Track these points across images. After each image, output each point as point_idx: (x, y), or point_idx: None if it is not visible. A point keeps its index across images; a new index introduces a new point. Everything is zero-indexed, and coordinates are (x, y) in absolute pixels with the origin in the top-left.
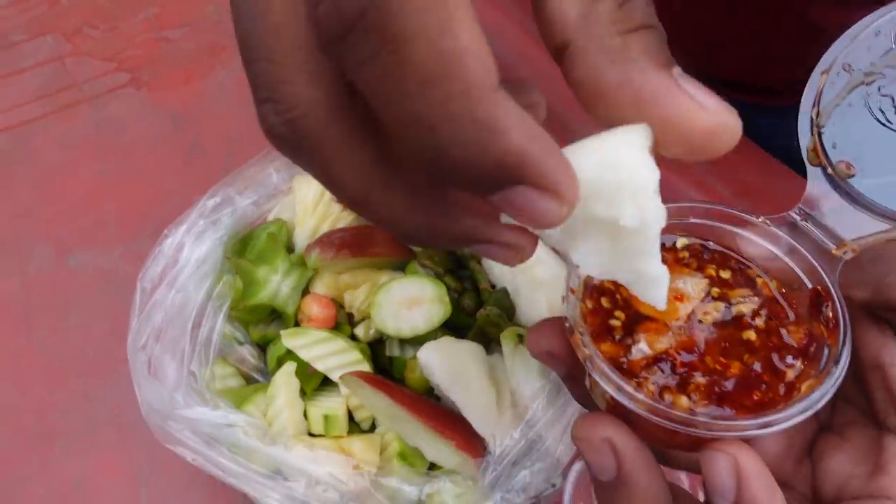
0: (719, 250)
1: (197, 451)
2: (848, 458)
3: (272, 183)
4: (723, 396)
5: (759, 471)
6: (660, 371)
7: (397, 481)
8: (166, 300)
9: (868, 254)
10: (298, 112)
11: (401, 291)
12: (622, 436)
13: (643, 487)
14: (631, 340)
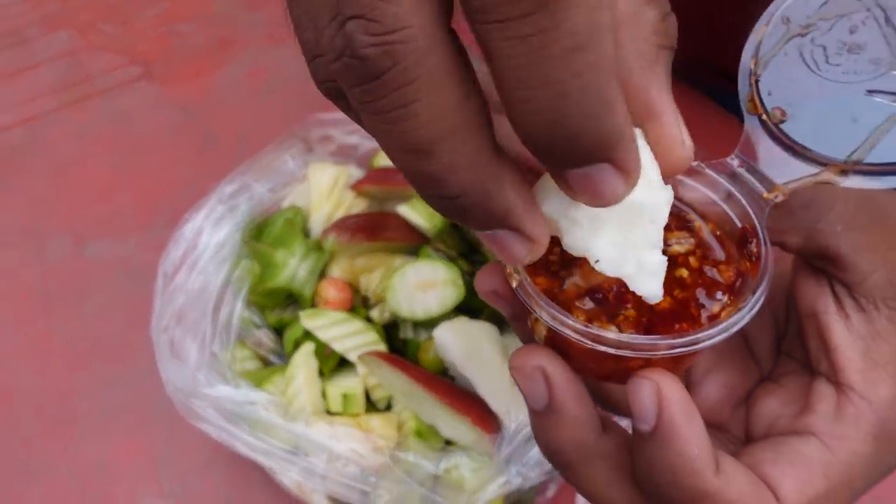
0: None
1: (221, 428)
2: (780, 401)
3: (288, 170)
4: (649, 327)
5: (679, 397)
6: (591, 302)
7: (415, 457)
8: (187, 283)
9: (800, 200)
10: (399, 36)
11: (415, 275)
12: (554, 365)
13: (573, 416)
14: (566, 274)
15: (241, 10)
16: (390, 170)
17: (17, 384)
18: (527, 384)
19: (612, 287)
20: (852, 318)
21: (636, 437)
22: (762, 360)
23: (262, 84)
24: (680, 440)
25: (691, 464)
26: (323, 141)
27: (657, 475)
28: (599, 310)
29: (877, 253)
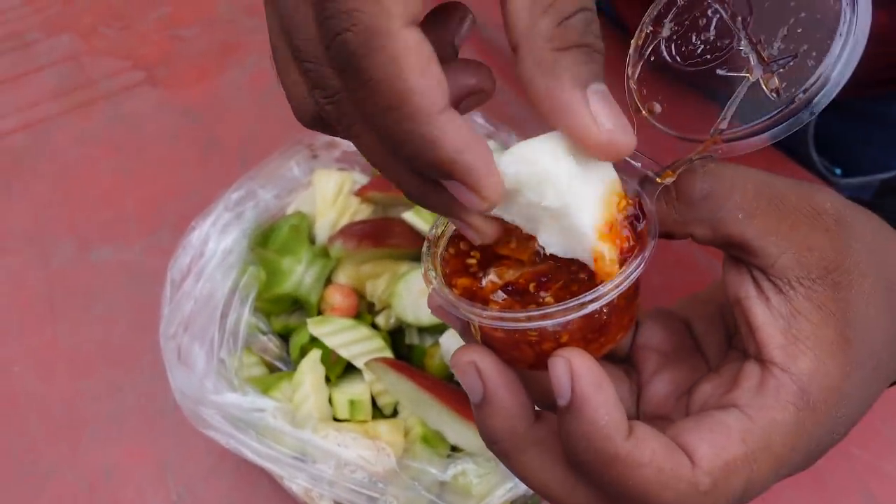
0: None
1: (230, 435)
2: (713, 384)
3: (293, 177)
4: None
5: (588, 369)
6: (505, 295)
7: (422, 463)
8: (195, 290)
9: (699, 192)
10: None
11: (420, 282)
12: (485, 359)
13: (505, 406)
14: (483, 274)
15: (241, 15)
16: None
17: (24, 389)
18: (463, 378)
19: (525, 283)
20: (772, 300)
21: (559, 414)
22: (712, 358)
23: (263, 88)
24: (590, 408)
25: (601, 430)
26: (328, 147)
27: (574, 444)
28: (513, 300)
29: (780, 235)
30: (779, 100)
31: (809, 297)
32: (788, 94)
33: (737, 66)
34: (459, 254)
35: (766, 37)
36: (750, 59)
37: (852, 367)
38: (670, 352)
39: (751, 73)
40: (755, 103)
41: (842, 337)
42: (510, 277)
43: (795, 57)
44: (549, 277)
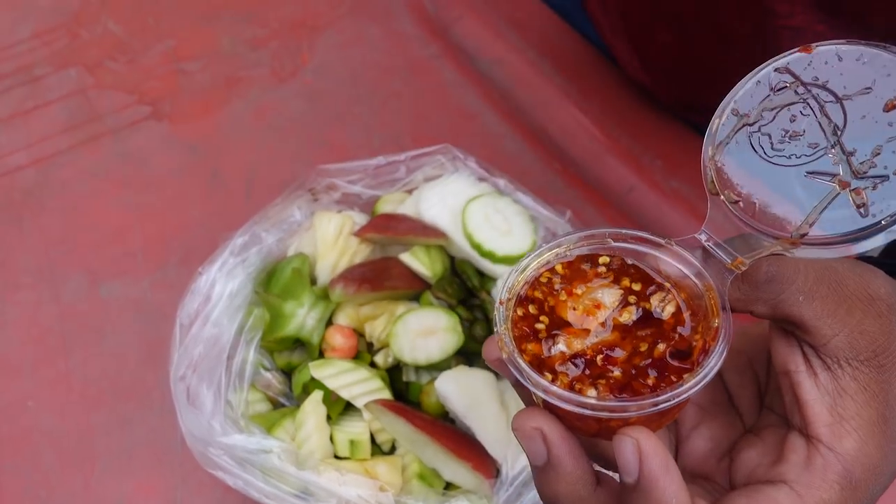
0: (637, 266)
1: (237, 476)
2: (758, 451)
3: (295, 220)
4: (627, 387)
5: (655, 450)
6: (573, 366)
7: (419, 500)
8: (202, 333)
9: (764, 274)
10: None
11: (417, 322)
12: (551, 425)
13: (569, 471)
14: (552, 342)
15: (245, 48)
16: (392, 217)
17: (37, 423)
18: (527, 443)
19: (592, 354)
20: (820, 376)
21: (623, 489)
22: (745, 414)
23: (266, 121)
24: (658, 490)
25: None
26: (327, 189)
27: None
28: (581, 374)
29: (836, 318)
30: (863, 217)
31: (856, 378)
32: (875, 215)
33: (824, 172)
34: (527, 317)
35: (858, 149)
36: (840, 169)
37: (888, 446)
38: (707, 405)
39: (841, 184)
40: (837, 212)
41: (882, 417)
42: (578, 348)
43: (887, 179)
44: (615, 350)
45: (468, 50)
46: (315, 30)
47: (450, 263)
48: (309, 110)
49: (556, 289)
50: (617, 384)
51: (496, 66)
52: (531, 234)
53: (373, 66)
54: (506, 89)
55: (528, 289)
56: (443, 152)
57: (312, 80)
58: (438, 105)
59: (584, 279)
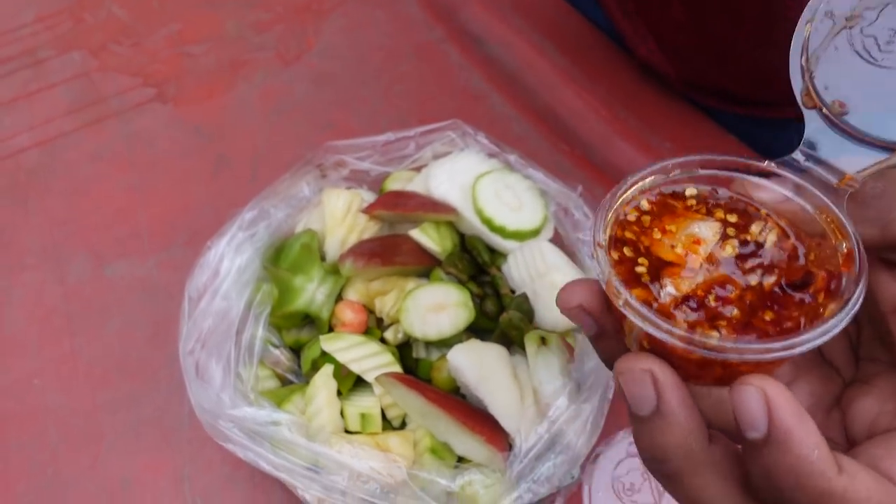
0: (728, 196)
1: (247, 448)
2: (874, 399)
3: (304, 196)
4: (748, 326)
5: (787, 398)
6: (689, 309)
7: (431, 473)
8: (211, 308)
9: (872, 190)
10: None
11: (427, 297)
12: (664, 369)
13: (681, 421)
14: (659, 285)
15: (250, 32)
16: (401, 194)
17: (44, 403)
18: (634, 388)
19: (704, 294)
20: None
21: (748, 447)
22: (841, 368)
23: (272, 104)
24: (797, 443)
25: (812, 465)
26: (336, 166)
27: (778, 481)
28: (698, 317)
29: None
30: None
31: None
32: None
33: None
34: (624, 260)
35: None
36: None
37: None
38: (799, 360)
39: None
40: None
41: None
42: (688, 289)
43: None
44: (726, 287)
45: (474, 33)
46: (320, 13)
47: (459, 240)
48: (315, 93)
49: (648, 227)
50: (739, 324)
51: (502, 48)
52: (542, 209)
53: (379, 50)
54: (512, 72)
55: (619, 229)
56: (452, 128)
57: (318, 64)
58: (445, 88)
59: (674, 214)
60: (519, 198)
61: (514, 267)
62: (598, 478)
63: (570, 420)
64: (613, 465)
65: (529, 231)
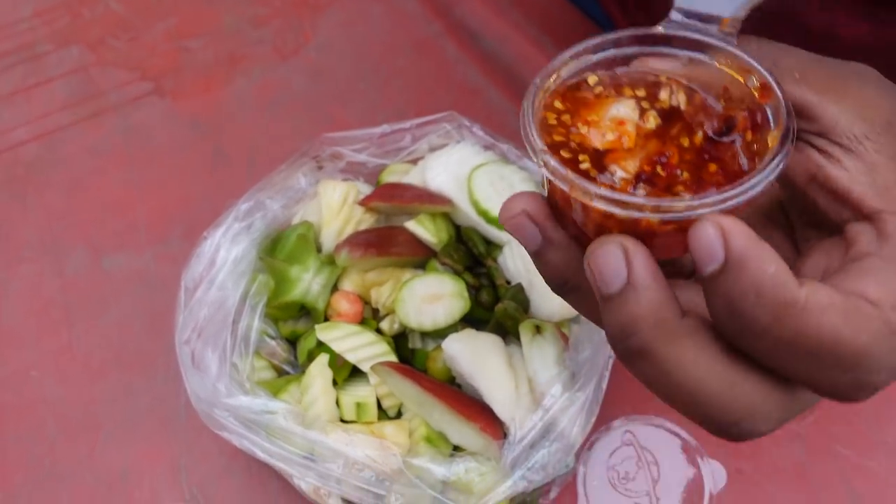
0: (626, 73)
1: (243, 436)
2: (822, 256)
3: (300, 187)
4: (701, 183)
5: (741, 226)
6: (646, 186)
7: (426, 462)
8: (207, 297)
9: (750, 48)
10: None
11: (423, 288)
12: (634, 242)
13: (652, 289)
14: (609, 173)
15: (247, 26)
16: (397, 186)
17: (41, 394)
18: (607, 264)
19: (651, 168)
20: (845, 162)
21: (708, 283)
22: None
23: (269, 98)
24: (754, 260)
25: (772, 278)
26: (332, 159)
27: (738, 303)
28: (654, 190)
29: (837, 93)
30: None
31: (880, 150)
32: None
33: None
34: (567, 162)
35: None
36: None
37: None
38: None
39: None
40: None
41: None
42: (634, 168)
43: None
44: (663, 156)
45: (471, 27)
46: (317, 8)
47: (455, 231)
48: (312, 87)
49: (571, 125)
50: (693, 184)
51: (499, 43)
52: None
53: (376, 44)
54: (509, 66)
55: (546, 136)
56: (448, 120)
57: (315, 58)
58: (442, 82)
59: (589, 105)
60: (514, 189)
61: (510, 258)
62: (593, 466)
63: (565, 408)
64: (608, 454)
65: None
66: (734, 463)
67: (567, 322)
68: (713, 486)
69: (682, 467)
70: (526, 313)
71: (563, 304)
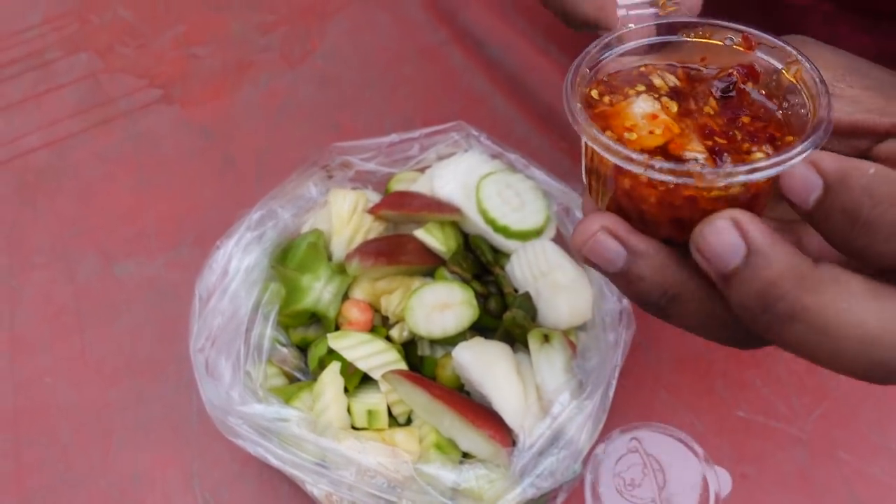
0: (613, 78)
1: (256, 443)
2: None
3: (311, 196)
4: (754, 137)
5: (825, 154)
6: (727, 156)
7: (436, 469)
8: (220, 306)
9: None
10: None
11: (432, 296)
12: (744, 214)
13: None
14: (689, 161)
15: (254, 33)
16: (406, 195)
17: (54, 400)
18: (720, 237)
19: (710, 138)
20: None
21: (818, 209)
22: None
23: (276, 105)
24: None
25: (875, 176)
26: (342, 167)
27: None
28: (735, 157)
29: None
30: None
31: (852, 86)
32: None
33: None
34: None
35: None
36: None
37: None
38: None
39: None
40: None
41: None
42: (701, 148)
43: None
44: (708, 129)
45: (476, 35)
46: (324, 16)
47: (463, 239)
48: (319, 95)
49: (618, 139)
50: (747, 140)
51: (505, 50)
52: (544, 209)
53: (382, 52)
54: (514, 73)
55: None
56: (456, 129)
57: (322, 65)
58: (448, 89)
59: (613, 116)
60: (521, 198)
61: (518, 266)
62: (600, 473)
63: (573, 416)
64: (614, 461)
65: (532, 231)
66: (739, 468)
67: (574, 330)
68: (718, 491)
69: (687, 474)
70: (533, 321)
71: (570, 312)
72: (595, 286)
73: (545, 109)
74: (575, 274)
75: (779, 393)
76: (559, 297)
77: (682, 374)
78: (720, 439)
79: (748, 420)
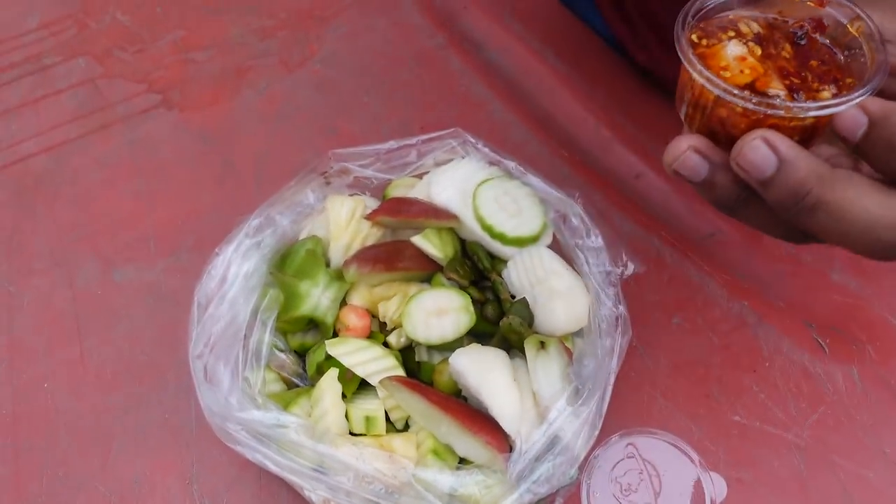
0: (709, 24)
1: (255, 449)
2: None
3: (309, 203)
4: (822, 77)
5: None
6: (800, 94)
7: (434, 474)
8: (219, 313)
9: None
10: None
11: (429, 302)
12: (772, 133)
13: (805, 158)
14: (772, 97)
15: (253, 38)
16: (404, 201)
17: (54, 405)
18: (754, 154)
19: (788, 78)
20: None
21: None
22: None
23: (276, 111)
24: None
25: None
26: (340, 174)
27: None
28: (807, 94)
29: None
30: None
31: None
32: None
33: None
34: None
35: None
36: None
37: None
38: None
39: None
40: None
41: None
42: (781, 86)
43: None
44: (794, 73)
45: (474, 39)
46: (323, 20)
47: (461, 246)
48: (318, 99)
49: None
50: (816, 80)
51: (502, 55)
52: (541, 216)
53: (381, 56)
54: (512, 78)
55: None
56: (454, 136)
57: (321, 70)
58: (446, 94)
59: (710, 57)
60: (518, 205)
61: (514, 273)
62: (596, 478)
63: (569, 422)
64: (611, 466)
65: (529, 237)
66: (735, 473)
67: (571, 336)
68: (714, 496)
69: (683, 479)
70: (530, 328)
71: (567, 318)
72: (591, 292)
73: (542, 114)
74: (571, 281)
75: (774, 398)
76: (556, 303)
77: (679, 380)
78: (716, 444)
79: (744, 425)
